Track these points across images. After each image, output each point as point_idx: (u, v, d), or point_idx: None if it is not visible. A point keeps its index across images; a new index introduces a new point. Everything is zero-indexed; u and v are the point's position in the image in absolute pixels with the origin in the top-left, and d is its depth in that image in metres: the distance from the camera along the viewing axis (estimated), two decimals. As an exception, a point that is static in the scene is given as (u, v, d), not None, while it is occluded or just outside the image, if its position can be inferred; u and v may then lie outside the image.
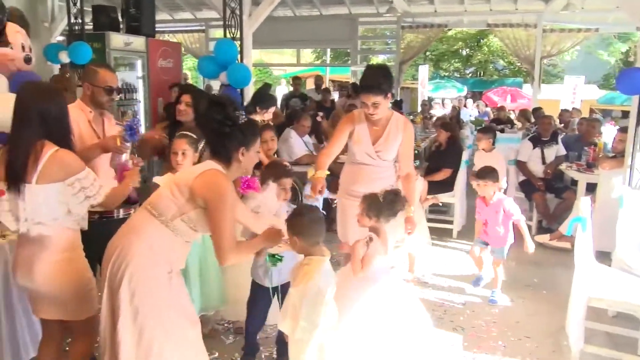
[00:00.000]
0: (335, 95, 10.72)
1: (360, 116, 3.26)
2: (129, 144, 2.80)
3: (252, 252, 2.37)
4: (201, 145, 3.01)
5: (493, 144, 5.59)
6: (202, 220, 2.14)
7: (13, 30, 3.10)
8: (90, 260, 2.42)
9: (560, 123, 8.41)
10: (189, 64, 18.28)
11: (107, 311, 2.11)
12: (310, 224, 2.26)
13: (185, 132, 3.07)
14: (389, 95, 3.10)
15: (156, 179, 2.92)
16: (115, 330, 2.05)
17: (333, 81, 16.96)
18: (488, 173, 3.99)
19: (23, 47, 3.19)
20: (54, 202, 2.16)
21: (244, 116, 2.24)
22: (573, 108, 10.37)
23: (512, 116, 11.85)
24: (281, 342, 2.75)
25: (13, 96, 2.97)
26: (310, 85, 14.15)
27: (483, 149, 5.57)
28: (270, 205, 2.57)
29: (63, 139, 2.21)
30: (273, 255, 2.60)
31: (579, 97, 12.28)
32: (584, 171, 5.44)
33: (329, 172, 3.29)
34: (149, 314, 2.07)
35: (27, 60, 3.23)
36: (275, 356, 3.11)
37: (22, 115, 2.17)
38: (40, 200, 2.13)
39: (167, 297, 2.13)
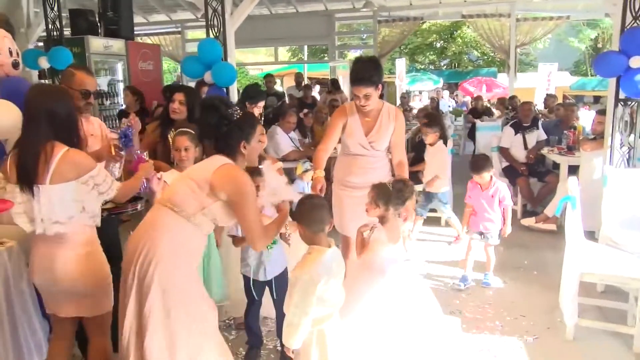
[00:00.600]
0: (314, 92, 10.77)
1: (352, 108, 3.29)
2: (123, 152, 2.80)
3: (278, 231, 2.43)
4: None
5: (440, 137, 5.21)
6: (222, 213, 2.20)
7: (1, 36, 3.07)
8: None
9: (545, 108, 8.60)
10: (164, 66, 18.11)
11: (134, 308, 2.11)
12: (311, 212, 2.27)
13: (185, 130, 3.10)
14: (380, 86, 3.15)
15: (162, 175, 2.95)
16: (144, 328, 2.07)
17: (311, 78, 16.98)
18: (482, 164, 3.98)
19: (10, 52, 3.16)
20: (68, 201, 2.18)
21: (238, 111, 2.30)
22: (549, 94, 10.61)
23: (489, 105, 12.07)
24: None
25: (3, 103, 2.99)
26: (288, 83, 14.18)
27: (430, 144, 5.27)
28: (275, 183, 2.55)
29: (72, 139, 2.23)
30: None
31: (554, 84, 12.56)
32: (565, 154, 5.61)
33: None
34: (182, 309, 2.11)
35: (15, 65, 3.20)
36: (279, 348, 3.16)
37: (30, 117, 2.19)
38: (55, 200, 2.15)
39: (196, 290, 2.19)
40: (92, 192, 2.23)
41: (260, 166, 2.65)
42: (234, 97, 5.52)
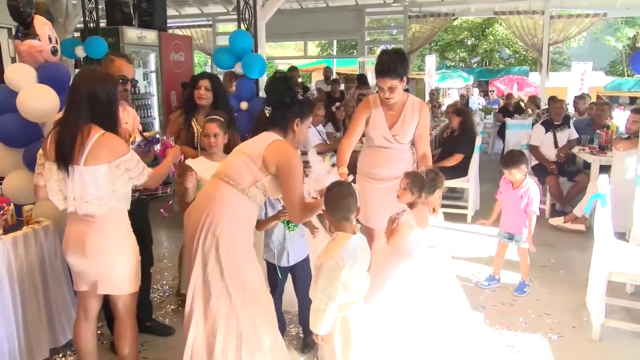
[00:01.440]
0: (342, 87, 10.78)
1: (376, 101, 3.28)
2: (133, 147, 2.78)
3: (316, 211, 2.50)
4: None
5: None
6: (272, 186, 2.37)
7: (41, 23, 3.17)
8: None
9: (575, 111, 8.36)
10: (194, 59, 18.34)
11: (199, 274, 2.30)
12: (338, 199, 2.29)
13: (214, 117, 3.15)
14: (405, 79, 3.12)
15: (189, 162, 3.01)
16: (208, 292, 2.28)
17: (339, 74, 16.95)
18: (517, 160, 3.77)
19: (50, 39, 3.26)
20: (100, 183, 2.25)
21: (301, 92, 2.47)
22: (582, 94, 10.36)
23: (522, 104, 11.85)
24: (305, 322, 2.83)
25: (41, 87, 3.10)
26: (317, 78, 14.19)
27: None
28: (319, 171, 2.60)
29: (109, 124, 2.30)
30: (288, 222, 2.80)
31: (587, 83, 12.24)
32: (597, 153, 5.50)
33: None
34: (247, 279, 2.32)
35: (54, 51, 3.30)
36: (302, 335, 3.20)
37: (73, 99, 2.26)
38: (88, 180, 2.22)
39: (254, 259, 2.41)
40: (123, 175, 2.29)
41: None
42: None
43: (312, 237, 3.03)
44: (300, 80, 12.50)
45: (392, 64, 3.04)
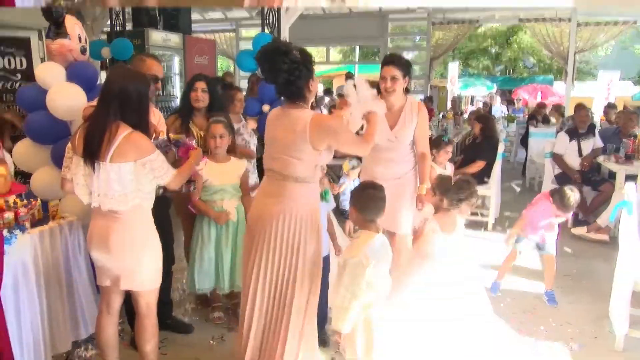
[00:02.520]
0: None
1: None
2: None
3: (374, 136, 2.55)
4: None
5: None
6: (327, 156, 2.46)
7: (72, 23, 3.23)
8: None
9: (607, 120, 8.21)
10: (217, 64, 18.53)
11: (275, 272, 2.41)
12: (367, 201, 2.34)
13: (219, 118, 3.20)
14: (407, 78, 3.25)
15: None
16: (290, 288, 2.40)
17: (360, 80, 16.89)
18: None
19: (79, 39, 3.33)
20: (125, 180, 2.28)
21: (297, 52, 2.37)
22: (609, 103, 10.18)
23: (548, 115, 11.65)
24: (320, 318, 2.83)
25: (70, 85, 3.17)
26: (339, 84, 14.19)
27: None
28: (365, 95, 2.64)
29: (138, 123, 2.32)
30: (326, 192, 2.93)
31: (614, 93, 12.01)
32: (622, 163, 5.39)
33: None
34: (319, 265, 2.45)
35: (83, 50, 3.37)
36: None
37: (104, 95, 2.30)
38: (113, 177, 2.26)
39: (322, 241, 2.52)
40: (147, 174, 2.32)
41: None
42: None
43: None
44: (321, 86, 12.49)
45: (399, 58, 3.26)
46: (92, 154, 2.24)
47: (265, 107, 4.85)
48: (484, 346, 2.61)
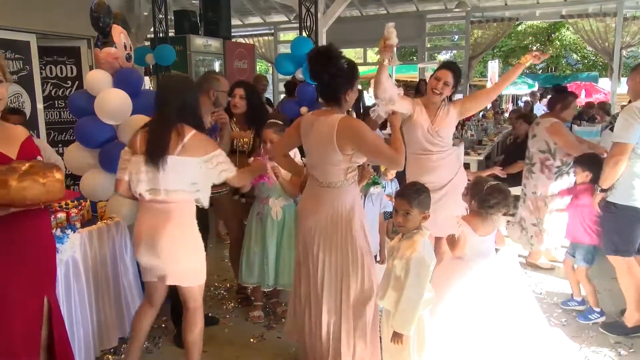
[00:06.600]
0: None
1: (417, 100, 3.42)
2: None
3: (401, 141, 2.58)
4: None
5: None
6: (359, 158, 2.51)
7: (117, 32, 3.37)
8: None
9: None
10: (256, 67, 18.78)
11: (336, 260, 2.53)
12: (426, 200, 2.36)
13: (273, 121, 3.25)
14: (454, 88, 3.39)
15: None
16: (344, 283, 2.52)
17: (398, 80, 16.79)
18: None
19: (125, 47, 3.46)
20: (189, 175, 2.40)
21: (344, 61, 2.47)
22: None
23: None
24: None
25: (117, 91, 3.29)
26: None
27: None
28: (392, 92, 2.80)
29: (197, 126, 2.47)
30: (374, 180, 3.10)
31: (664, 89, 11.51)
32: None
33: None
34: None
35: (128, 58, 3.50)
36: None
37: (165, 101, 2.44)
38: (179, 169, 2.37)
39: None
40: (212, 170, 2.44)
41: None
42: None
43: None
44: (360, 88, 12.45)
45: (458, 68, 3.40)
46: (158, 150, 2.34)
47: (303, 109, 4.90)
48: (534, 351, 2.53)
